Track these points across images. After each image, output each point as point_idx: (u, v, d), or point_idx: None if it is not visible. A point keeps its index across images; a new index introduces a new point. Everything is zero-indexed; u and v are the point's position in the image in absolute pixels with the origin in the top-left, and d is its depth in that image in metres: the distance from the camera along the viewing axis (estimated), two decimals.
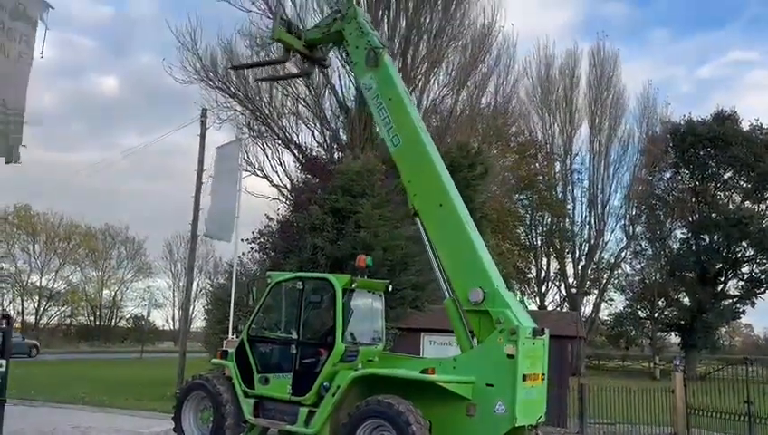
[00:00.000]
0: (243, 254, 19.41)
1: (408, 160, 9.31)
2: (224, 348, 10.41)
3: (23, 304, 53.45)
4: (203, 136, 20.49)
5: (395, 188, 18.01)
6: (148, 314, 57.52)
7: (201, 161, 20.48)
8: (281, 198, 25.05)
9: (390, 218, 16.74)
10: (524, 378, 7.91)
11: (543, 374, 8.37)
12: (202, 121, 20.60)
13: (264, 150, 26.58)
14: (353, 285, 8.86)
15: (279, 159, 26.67)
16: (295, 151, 25.56)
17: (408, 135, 9.28)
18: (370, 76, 9.65)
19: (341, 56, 20.04)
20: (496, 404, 7.87)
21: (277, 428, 9.21)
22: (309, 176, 22.00)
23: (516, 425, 7.80)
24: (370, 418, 7.96)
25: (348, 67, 10.87)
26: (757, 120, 42.08)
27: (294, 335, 8.94)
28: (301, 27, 11.16)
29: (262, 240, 20.12)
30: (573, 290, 43.72)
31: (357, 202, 16.56)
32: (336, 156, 24.11)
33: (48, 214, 53.78)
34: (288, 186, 25.31)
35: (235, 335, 13.81)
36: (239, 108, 25.24)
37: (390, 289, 9.36)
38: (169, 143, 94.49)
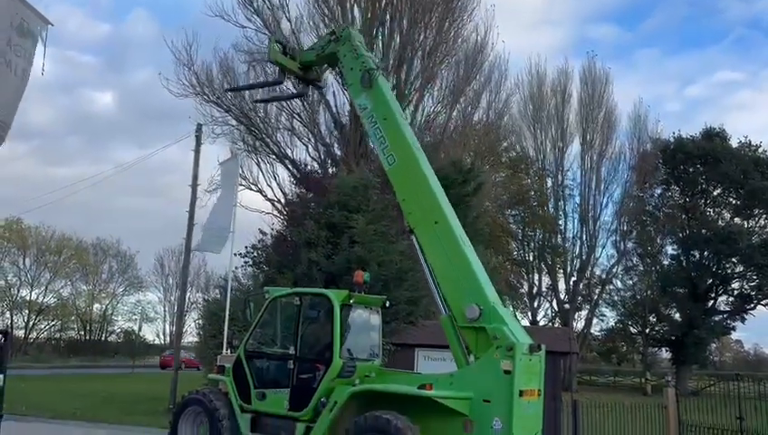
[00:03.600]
0: (236, 268, 19.42)
1: (404, 179, 9.40)
2: (219, 363, 10.42)
3: (12, 319, 53.00)
4: (197, 151, 20.59)
5: (390, 203, 18.12)
6: (140, 329, 57.21)
7: (195, 176, 20.58)
8: (275, 212, 25.14)
9: (385, 233, 16.79)
10: (521, 394, 7.95)
11: (540, 390, 8.43)
12: (197, 136, 20.70)
13: (258, 165, 26.72)
14: (351, 301, 8.92)
15: (273, 173, 26.80)
16: (290, 166, 25.69)
17: (402, 154, 9.38)
18: (365, 96, 9.77)
19: (338, 78, 20.24)
20: (494, 420, 7.90)
21: None
22: (304, 190, 22.06)
23: None
24: (369, 433, 7.99)
25: (343, 86, 11.02)
26: (746, 137, 42.75)
27: (292, 351, 8.97)
28: (296, 48, 11.35)
29: (255, 255, 20.12)
30: (566, 305, 43.86)
31: (352, 217, 16.58)
32: (330, 171, 24.21)
33: (40, 227, 53.56)
34: (282, 200, 25.40)
35: (229, 350, 13.76)
36: (234, 122, 25.37)
37: (387, 304, 9.40)
38: (162, 159, 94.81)
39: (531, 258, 46.27)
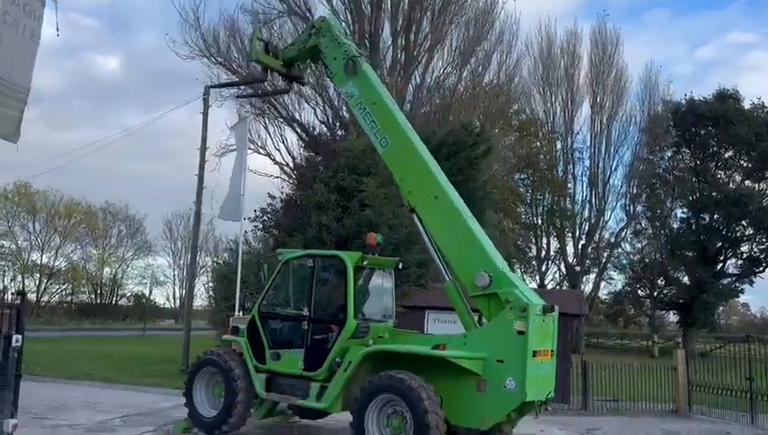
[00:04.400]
0: (246, 232, 19.45)
1: (399, 159, 9.46)
2: (232, 325, 10.52)
3: (23, 282, 53.58)
4: (205, 113, 20.46)
5: None
6: (150, 292, 57.77)
7: (204, 139, 20.50)
8: (284, 176, 25.08)
9: (395, 197, 16.71)
10: (534, 354, 8.02)
11: (553, 351, 8.48)
12: (204, 99, 20.56)
13: (266, 128, 26.56)
14: (364, 263, 8.95)
15: (281, 136, 26.68)
16: (298, 129, 25.55)
17: (395, 135, 9.46)
18: (352, 84, 9.84)
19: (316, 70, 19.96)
20: (507, 380, 7.97)
21: (289, 402, 9.34)
22: (312, 154, 21.95)
23: (526, 400, 7.91)
24: (382, 393, 8.08)
25: (328, 77, 11.07)
26: (759, 99, 42.01)
27: (306, 312, 9.03)
28: (278, 46, 11.32)
29: (265, 219, 20.14)
30: (576, 268, 43.86)
31: (362, 180, 16.52)
32: (339, 133, 24.06)
33: (48, 191, 53.74)
34: (291, 164, 25.33)
35: (241, 313, 13.87)
36: (241, 85, 25.10)
37: (400, 266, 9.42)
38: (169, 123, 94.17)
39: (539, 222, 46.19)
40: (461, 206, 9.16)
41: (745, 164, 42.25)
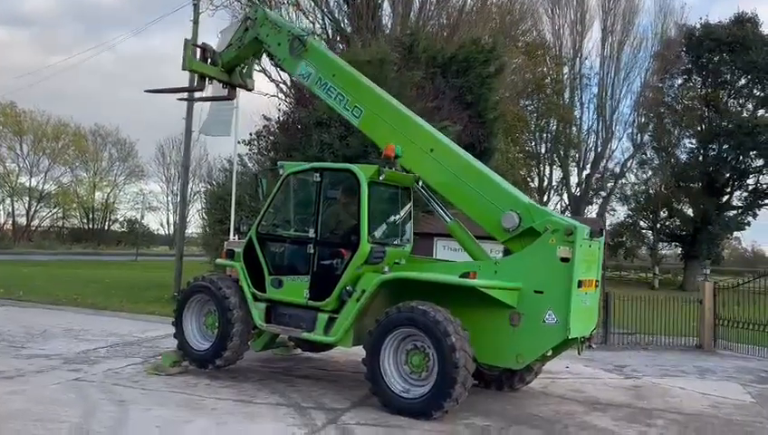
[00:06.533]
0: (240, 155, 18.18)
1: (379, 123, 8.33)
2: (227, 248, 9.35)
3: (13, 206, 52.41)
4: (196, 21, 18.72)
5: (408, 81, 16.58)
6: (142, 217, 56.67)
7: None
8: (280, 95, 23.58)
9: None
10: (579, 284, 6.92)
11: (598, 281, 7.39)
12: (195, 5, 18.80)
13: None
14: (381, 178, 7.67)
15: None
16: None
17: (367, 98, 8.46)
18: (305, 64, 8.81)
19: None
20: (546, 314, 6.90)
21: (292, 335, 8.28)
22: None
23: (569, 337, 6.86)
24: (401, 326, 7.00)
25: (278, 67, 9.78)
26: None
27: (312, 234, 7.82)
28: (215, 50, 9.91)
29: (260, 142, 18.90)
30: (589, 192, 42.75)
31: None
32: (340, 47, 22.43)
33: (35, 112, 51.85)
34: (288, 81, 23.73)
35: (236, 236, 12.79)
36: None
37: (420, 183, 8.14)
38: (161, 49, 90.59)
39: (543, 150, 44.83)
40: (460, 149, 8.24)
41: (758, 93, 40.73)
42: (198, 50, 9.82)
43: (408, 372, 7.08)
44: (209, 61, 9.79)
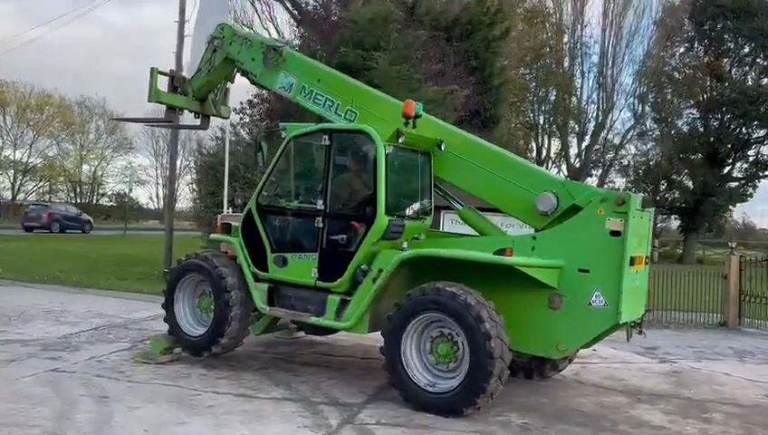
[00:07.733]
0: (232, 124, 17.13)
1: (378, 122, 7.19)
2: (221, 222, 8.37)
3: None
4: None
5: (413, 42, 15.51)
6: (131, 191, 55.36)
7: (183, 11, 17.71)
8: None
9: (409, 78, 14.28)
10: (632, 261, 6.03)
11: (647, 257, 6.50)
12: None
13: (252, 4, 23.71)
14: (400, 140, 6.67)
15: (270, 15, 23.81)
16: (289, 6, 22.61)
17: (360, 99, 7.53)
18: (284, 75, 8.00)
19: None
20: (593, 295, 6.02)
21: (298, 319, 7.34)
22: (306, 34, 19.34)
23: (620, 322, 5.98)
24: (427, 311, 6.08)
25: (255, 84, 8.69)
26: None
27: (320, 205, 6.84)
28: (185, 78, 9.00)
29: (252, 109, 17.91)
30: (590, 164, 41.86)
31: (371, 56, 14.01)
32: (334, 11, 21.24)
33: (18, 83, 50.20)
34: None
35: (230, 210, 11.80)
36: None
37: (443, 147, 7.14)
38: (150, 22, 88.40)
39: (541, 120, 43.79)
40: (472, 136, 7.44)
41: (762, 61, 39.74)
42: (167, 78, 8.89)
43: (433, 363, 6.19)
44: (179, 90, 8.89)
